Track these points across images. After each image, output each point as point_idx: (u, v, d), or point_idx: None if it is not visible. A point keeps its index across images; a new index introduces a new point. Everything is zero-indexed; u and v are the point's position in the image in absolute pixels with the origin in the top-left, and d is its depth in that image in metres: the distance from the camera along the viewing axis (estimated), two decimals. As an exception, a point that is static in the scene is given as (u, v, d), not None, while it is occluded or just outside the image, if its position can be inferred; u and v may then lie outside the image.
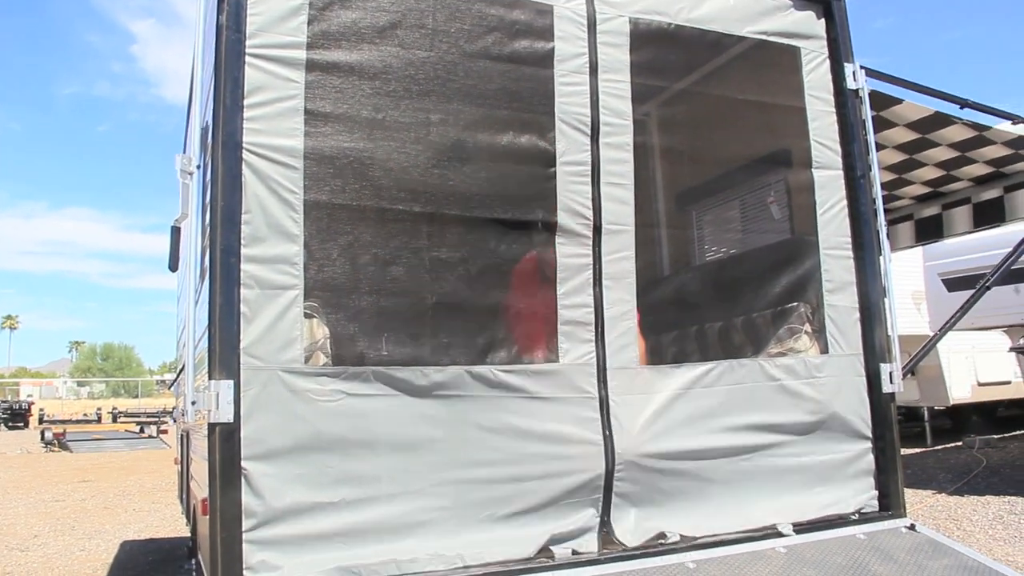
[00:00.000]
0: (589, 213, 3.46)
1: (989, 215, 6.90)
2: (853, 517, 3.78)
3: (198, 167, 3.08)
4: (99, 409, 37.21)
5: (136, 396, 63.17)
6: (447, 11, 3.38)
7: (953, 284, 9.63)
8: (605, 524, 3.33)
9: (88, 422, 32.74)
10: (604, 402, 3.40)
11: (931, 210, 7.39)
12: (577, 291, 3.42)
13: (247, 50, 3.03)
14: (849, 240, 4.01)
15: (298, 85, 3.07)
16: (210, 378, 2.83)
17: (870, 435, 3.92)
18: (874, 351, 3.95)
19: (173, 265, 3.68)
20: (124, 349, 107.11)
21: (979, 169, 6.36)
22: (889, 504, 3.88)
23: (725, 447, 3.62)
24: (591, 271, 3.45)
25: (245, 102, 3.00)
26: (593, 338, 3.42)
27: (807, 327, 3.93)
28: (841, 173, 4.05)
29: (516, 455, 3.23)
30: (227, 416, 2.81)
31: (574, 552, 3.24)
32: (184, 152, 3.16)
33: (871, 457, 3.91)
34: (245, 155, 2.97)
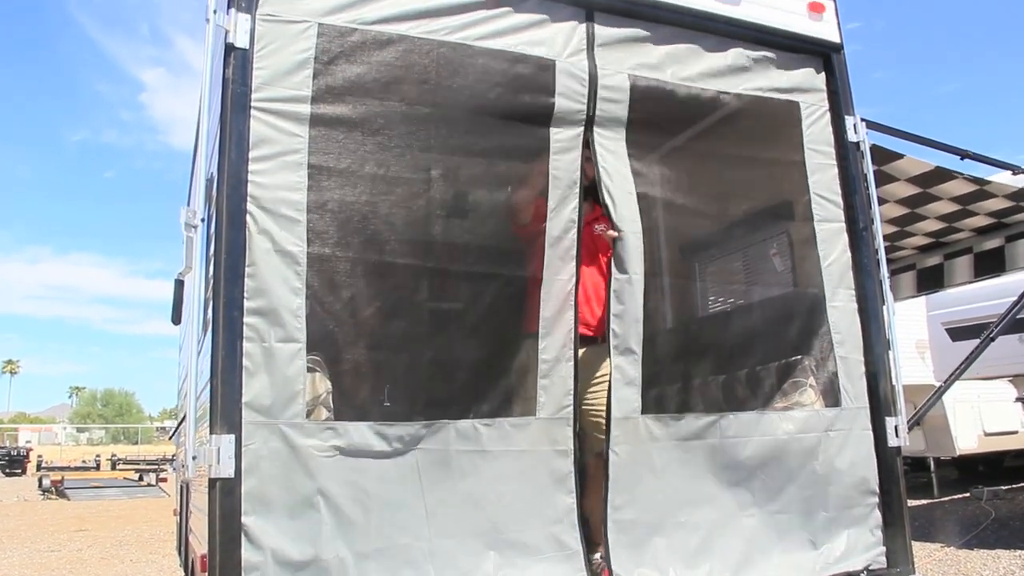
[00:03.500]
0: (573, 269, 3.49)
1: (990, 265, 6.90)
2: (861, 574, 3.72)
3: (202, 220, 3.09)
4: (98, 456, 36.99)
5: (136, 443, 62.78)
6: (450, 66, 3.41)
7: (957, 334, 9.57)
8: None
9: (87, 469, 32.52)
10: (576, 455, 3.41)
11: (933, 260, 7.39)
12: (558, 345, 3.44)
13: (252, 103, 3.06)
14: (853, 292, 4.01)
15: (302, 139, 3.10)
16: (211, 432, 2.81)
17: (877, 489, 3.87)
18: (879, 404, 3.92)
19: (176, 318, 3.68)
20: (124, 395, 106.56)
21: (980, 221, 6.38)
22: (897, 560, 3.82)
23: (731, 501, 3.58)
24: (572, 325, 3.47)
25: (250, 155, 3.02)
26: (572, 391, 3.42)
27: (811, 380, 3.91)
28: (843, 226, 4.06)
29: (494, 510, 3.23)
30: (228, 471, 2.79)
31: None
32: (188, 205, 3.17)
33: (878, 512, 3.86)
34: (249, 207, 2.99)
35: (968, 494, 11.12)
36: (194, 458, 2.91)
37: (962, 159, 5.12)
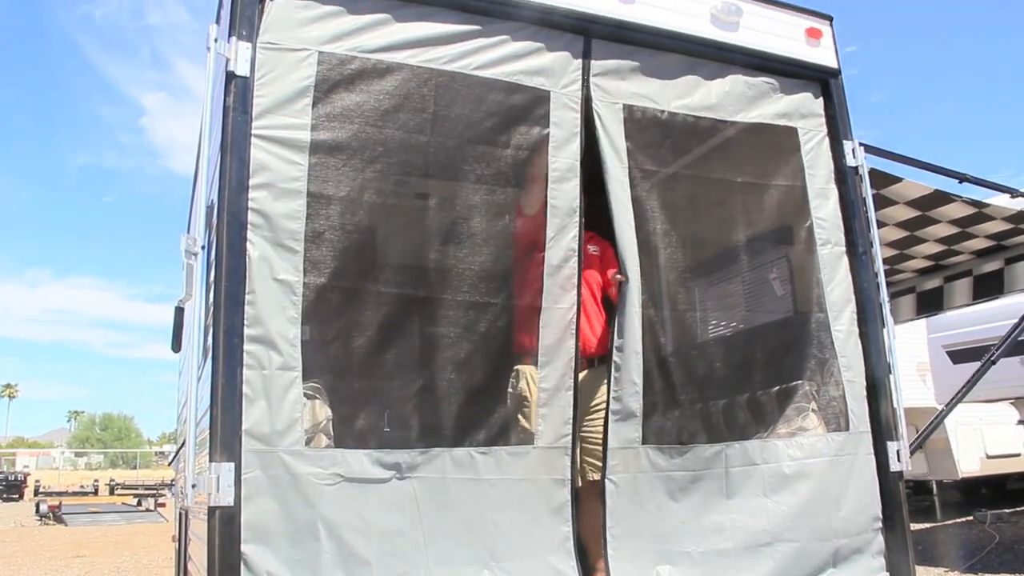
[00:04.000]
0: (573, 297, 3.50)
1: (989, 287, 6.90)
2: (865, 600, 3.69)
3: (203, 247, 3.09)
4: (96, 481, 36.79)
5: (134, 467, 62.53)
6: (448, 96, 3.43)
7: (958, 356, 9.56)
8: None
9: (85, 494, 32.32)
10: (574, 484, 3.40)
11: (933, 283, 7.39)
12: (557, 374, 3.43)
13: (253, 131, 3.07)
14: (855, 316, 4.01)
15: (302, 167, 3.10)
16: (211, 460, 2.80)
17: (880, 514, 3.85)
18: (881, 428, 3.91)
19: (176, 346, 3.67)
20: (123, 419, 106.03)
21: (980, 243, 6.38)
22: (901, 585, 3.79)
23: (738, 530, 3.56)
24: (572, 354, 3.46)
25: (250, 182, 3.03)
26: (571, 420, 3.41)
27: (813, 405, 3.89)
28: (843, 249, 4.08)
29: (491, 538, 3.21)
30: (227, 499, 2.77)
31: None
32: (188, 232, 3.18)
33: (881, 537, 3.83)
34: (249, 235, 2.99)
35: (971, 518, 11.04)
36: (193, 486, 2.89)
37: (960, 182, 5.14)
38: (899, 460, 3.89)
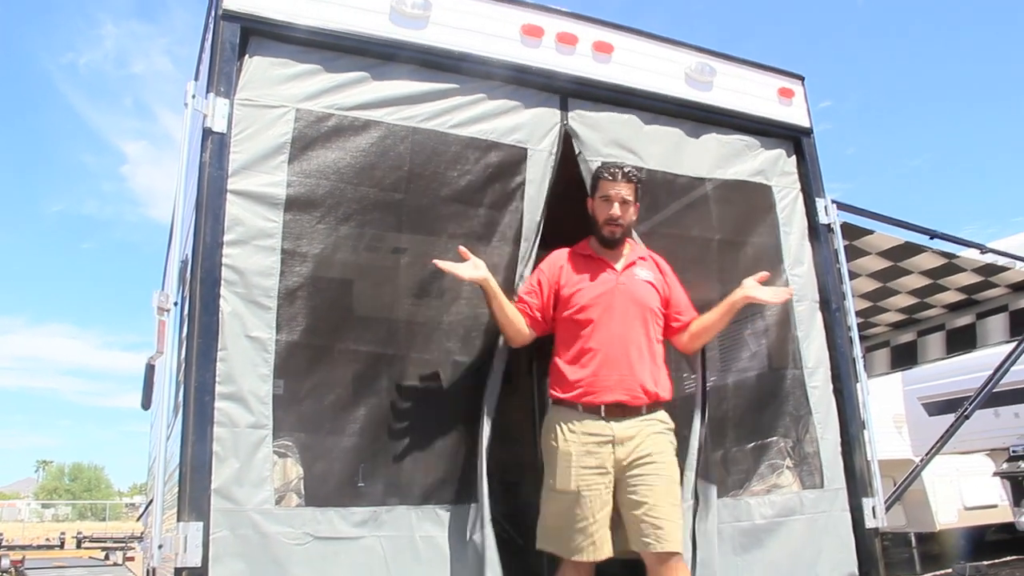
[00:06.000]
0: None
1: (961, 341, 6.97)
2: (843, 661, 3.65)
3: (176, 304, 3.06)
4: (63, 534, 35.88)
5: (104, 519, 61.15)
6: (425, 153, 3.43)
7: (933, 408, 9.61)
8: None
9: (50, 548, 31.47)
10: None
11: (906, 337, 7.46)
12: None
13: (228, 187, 3.06)
14: (828, 372, 4.03)
15: (276, 224, 3.10)
16: (179, 520, 2.74)
17: (856, 572, 3.82)
18: (856, 484, 3.90)
19: (146, 403, 3.61)
20: (93, 470, 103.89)
21: (951, 296, 6.46)
22: (881, 644, 3.76)
23: None
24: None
25: (224, 238, 3.01)
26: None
27: (788, 462, 3.88)
28: (817, 305, 4.11)
29: None
30: (195, 560, 2.71)
31: None
32: (162, 288, 3.15)
33: (858, 596, 3.81)
34: (223, 291, 2.97)
35: (951, 570, 11.00)
36: (160, 546, 2.83)
37: (931, 238, 5.23)
38: (875, 516, 3.88)
